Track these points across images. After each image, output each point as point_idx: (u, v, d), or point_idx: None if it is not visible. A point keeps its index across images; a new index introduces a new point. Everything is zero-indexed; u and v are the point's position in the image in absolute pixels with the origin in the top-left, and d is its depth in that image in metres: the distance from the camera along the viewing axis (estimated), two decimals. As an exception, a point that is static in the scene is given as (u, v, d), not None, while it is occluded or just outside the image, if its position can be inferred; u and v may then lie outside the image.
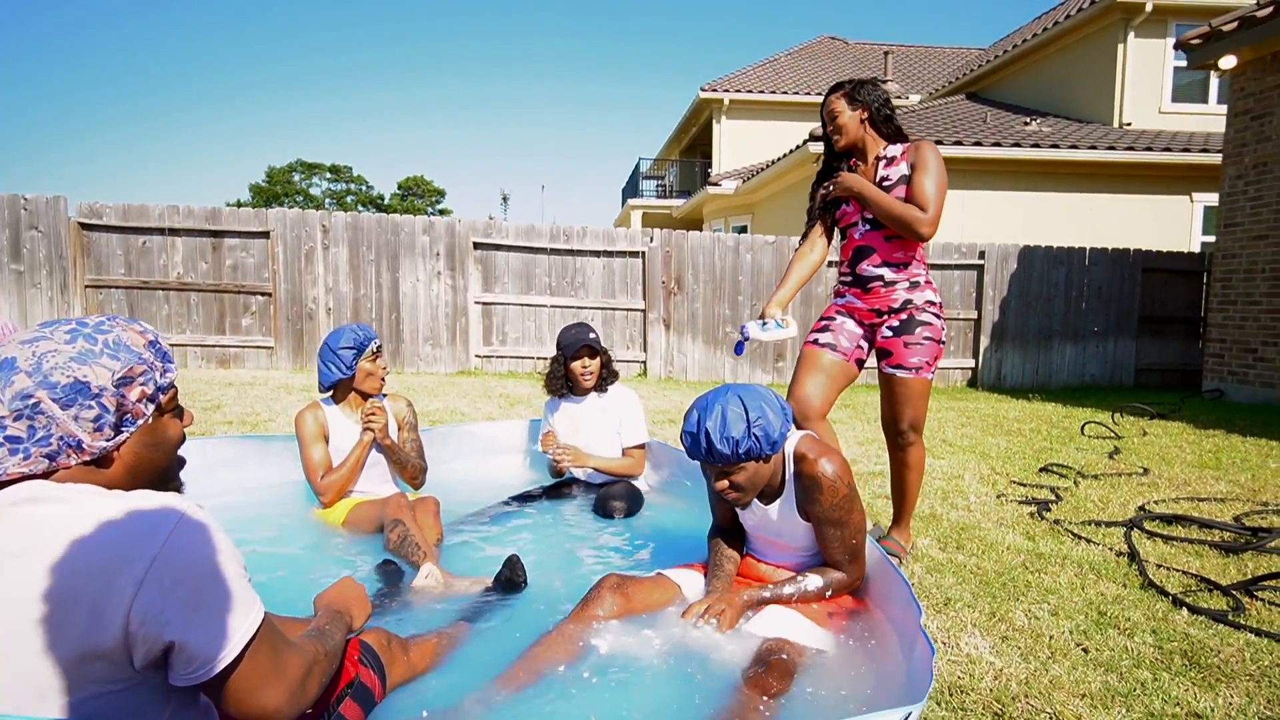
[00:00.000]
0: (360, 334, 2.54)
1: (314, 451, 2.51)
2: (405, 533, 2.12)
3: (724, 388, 1.68)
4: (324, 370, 2.52)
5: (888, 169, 2.48)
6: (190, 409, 5.24)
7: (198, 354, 7.58)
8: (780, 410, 1.64)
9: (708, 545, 1.92)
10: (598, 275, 8.23)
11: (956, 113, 12.71)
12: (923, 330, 2.47)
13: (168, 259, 7.48)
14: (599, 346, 3.03)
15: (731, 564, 1.84)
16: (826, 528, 1.70)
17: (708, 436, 1.59)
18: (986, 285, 8.54)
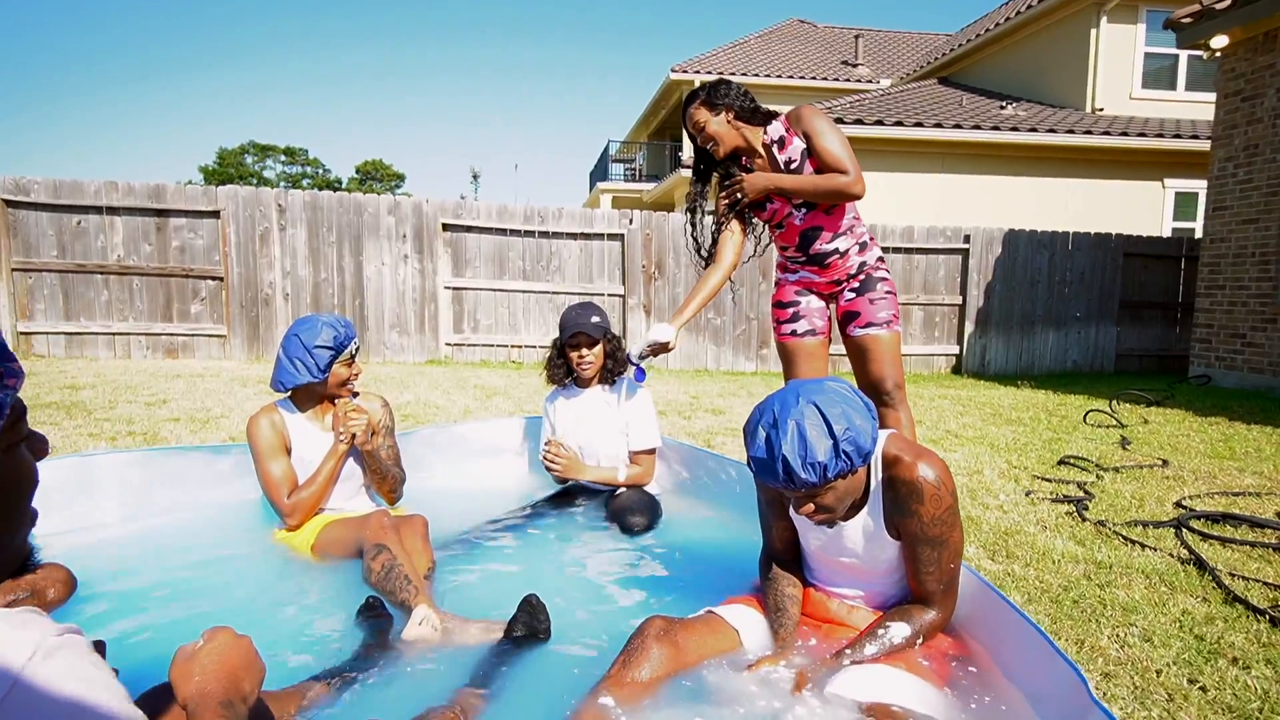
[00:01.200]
0: (340, 331, 2.11)
1: (274, 465, 2.09)
2: (391, 562, 1.75)
3: (791, 392, 1.36)
4: (287, 369, 2.07)
5: (784, 151, 2.43)
6: (135, 403, 4.77)
7: (143, 343, 7.00)
8: (865, 410, 1.33)
9: (761, 574, 1.60)
10: (574, 259, 7.84)
11: (930, 96, 12.57)
12: (883, 285, 2.51)
13: (106, 240, 6.86)
14: (600, 332, 2.63)
15: (794, 602, 1.53)
16: (921, 548, 1.39)
17: (786, 465, 1.28)
18: (971, 270, 8.40)
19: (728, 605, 1.54)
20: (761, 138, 2.45)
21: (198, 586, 1.86)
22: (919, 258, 8.37)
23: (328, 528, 2.07)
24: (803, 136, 2.40)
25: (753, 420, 1.37)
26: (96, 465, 2.21)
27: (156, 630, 1.66)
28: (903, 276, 8.35)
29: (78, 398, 4.70)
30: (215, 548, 2.10)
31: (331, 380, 2.15)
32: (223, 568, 1.98)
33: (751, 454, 1.33)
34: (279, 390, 2.12)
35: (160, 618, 1.71)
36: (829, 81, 17.25)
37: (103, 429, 3.83)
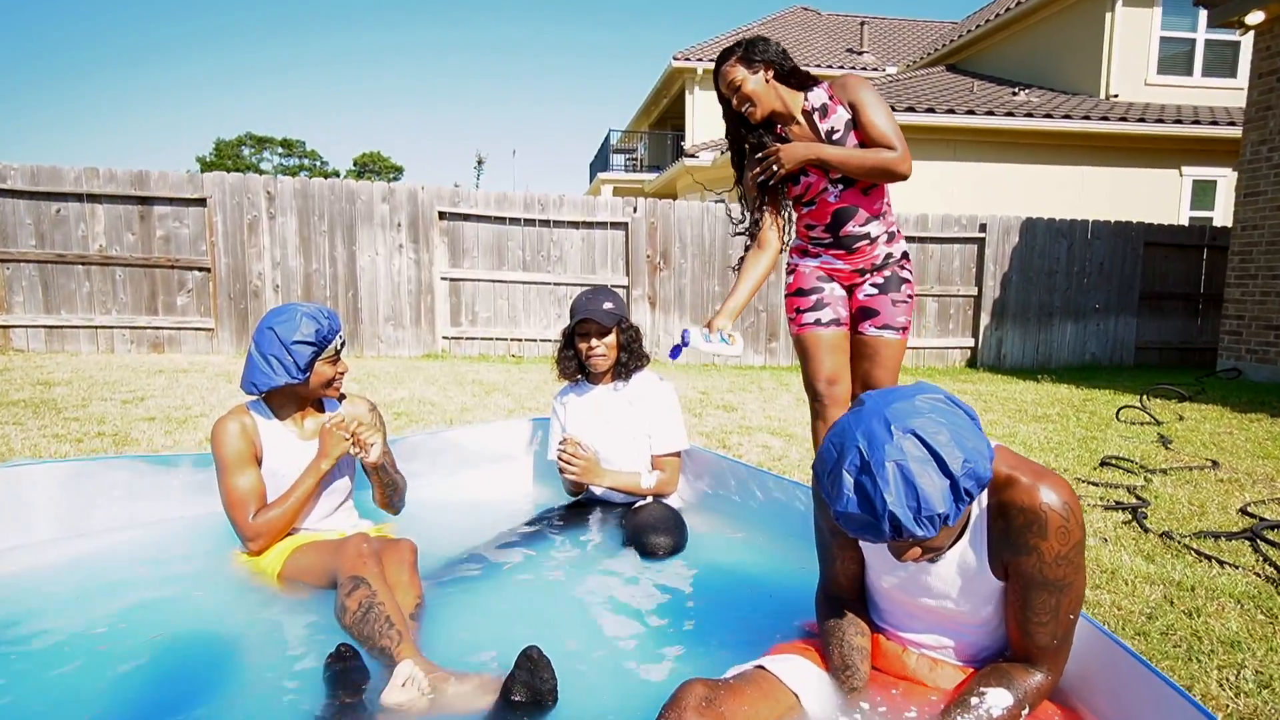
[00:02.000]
0: (323, 323, 1.80)
1: (240, 479, 1.76)
2: (370, 600, 1.46)
3: (873, 416, 1.03)
4: (261, 369, 1.76)
5: (826, 120, 2.24)
6: (110, 401, 4.48)
7: (126, 337, 6.71)
8: (973, 424, 1.04)
9: (819, 616, 1.32)
10: (576, 249, 7.54)
11: (940, 83, 12.25)
12: (905, 288, 2.36)
13: (87, 229, 6.56)
14: (612, 320, 2.30)
15: (864, 655, 1.24)
16: (1036, 593, 1.11)
17: (894, 521, 0.98)
18: (988, 260, 8.10)
19: (779, 657, 1.25)
20: (801, 103, 2.24)
21: (135, 623, 1.58)
22: (933, 247, 8.08)
23: (297, 553, 1.76)
24: (848, 106, 2.21)
25: (828, 460, 1.06)
26: (24, 478, 1.92)
27: (76, 686, 1.37)
28: (916, 267, 8.05)
29: (49, 395, 4.41)
30: (162, 574, 1.80)
31: (314, 381, 1.83)
32: (169, 599, 1.69)
33: (837, 509, 1.02)
34: (251, 393, 1.81)
35: (84, 667, 1.42)
36: (834, 69, 16.90)
37: (70, 430, 3.54)
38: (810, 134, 2.25)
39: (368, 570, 1.53)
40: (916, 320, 8.13)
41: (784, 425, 4.43)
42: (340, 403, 2.03)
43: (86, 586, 1.75)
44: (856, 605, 1.31)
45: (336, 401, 2.02)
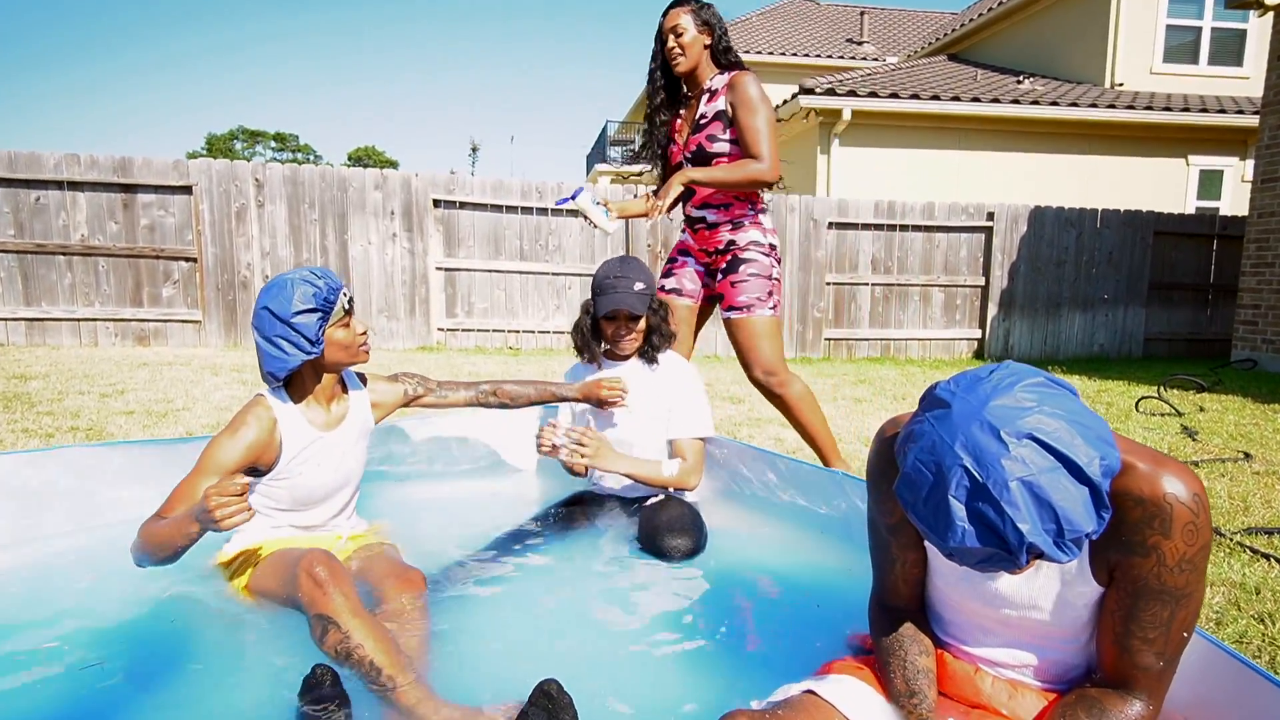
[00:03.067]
0: (320, 285, 1.56)
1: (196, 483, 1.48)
2: (346, 647, 1.23)
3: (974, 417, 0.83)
4: (272, 353, 1.53)
5: (709, 104, 2.40)
6: (89, 394, 4.28)
7: (110, 330, 6.48)
8: (1081, 405, 0.85)
9: (874, 630, 1.14)
10: (575, 238, 7.34)
11: (942, 72, 12.06)
12: (747, 268, 2.45)
13: (69, 218, 6.34)
14: (644, 306, 2.07)
15: (930, 678, 1.05)
16: (1147, 603, 0.92)
17: (1035, 551, 0.80)
18: (995, 249, 7.93)
19: (830, 679, 1.07)
20: (708, 81, 2.41)
21: (96, 635, 1.39)
22: (940, 236, 7.90)
23: (261, 567, 1.50)
24: (730, 105, 2.35)
25: (921, 485, 0.85)
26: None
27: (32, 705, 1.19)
28: (923, 256, 7.88)
29: (24, 389, 4.21)
30: (128, 578, 1.61)
31: (331, 352, 1.59)
32: (133, 608, 1.50)
33: (951, 544, 0.82)
34: (272, 383, 1.60)
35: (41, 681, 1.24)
36: (833, 59, 16.71)
37: (41, 424, 3.34)
38: (695, 109, 2.43)
39: (331, 605, 1.28)
40: (923, 310, 7.96)
41: (794, 417, 4.24)
42: (364, 385, 1.81)
43: (40, 594, 1.56)
44: (918, 617, 1.13)
45: (360, 383, 1.80)
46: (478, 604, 1.61)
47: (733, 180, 2.31)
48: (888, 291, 7.89)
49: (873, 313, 7.91)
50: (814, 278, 7.71)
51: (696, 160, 2.40)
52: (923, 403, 0.92)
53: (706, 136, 2.39)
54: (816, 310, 7.77)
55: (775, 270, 2.50)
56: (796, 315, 7.75)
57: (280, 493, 1.62)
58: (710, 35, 2.36)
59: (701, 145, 2.41)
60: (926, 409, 0.89)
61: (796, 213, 7.62)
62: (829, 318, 7.84)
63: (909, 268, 7.89)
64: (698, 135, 2.42)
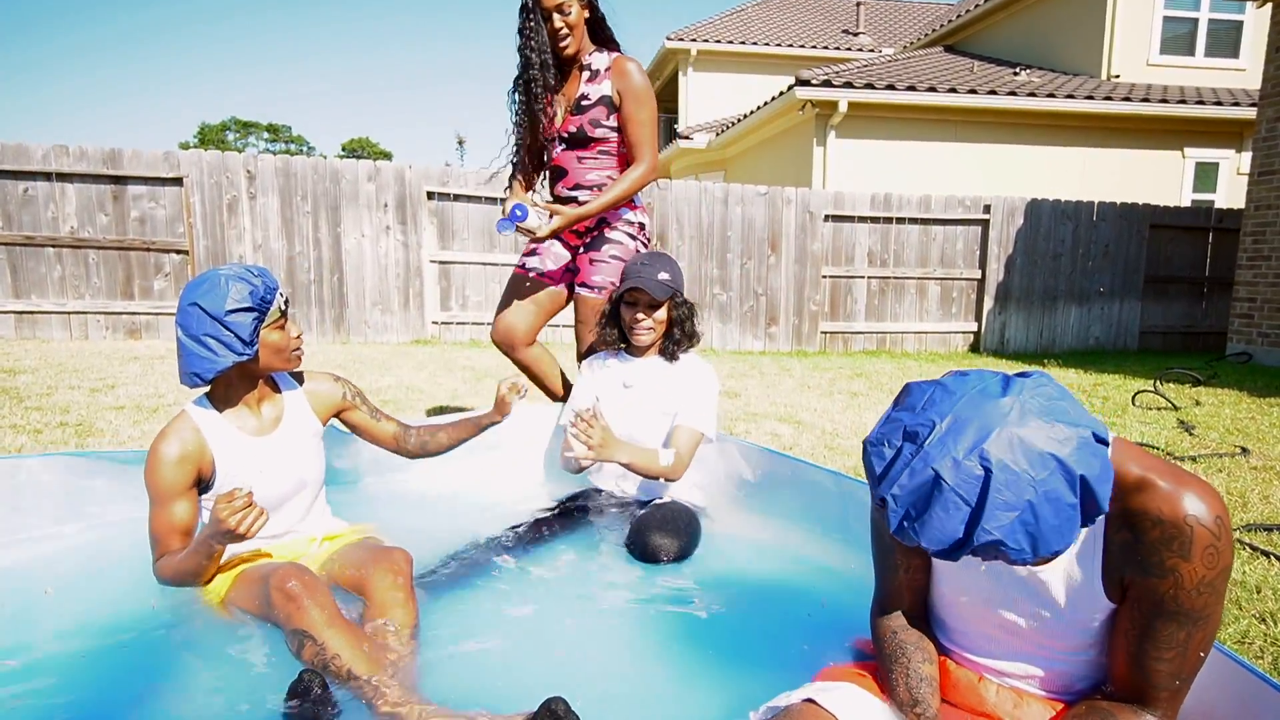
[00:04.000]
0: (256, 283, 1.48)
1: (163, 512, 1.45)
2: (324, 660, 1.21)
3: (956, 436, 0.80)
4: (199, 353, 1.43)
5: (591, 84, 2.34)
6: (78, 389, 4.23)
7: (101, 323, 6.42)
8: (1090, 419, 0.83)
9: (876, 637, 1.12)
10: (570, 231, 7.28)
11: (938, 64, 12.02)
12: (609, 248, 2.43)
13: (57, 210, 6.26)
14: (665, 292, 2.01)
15: (933, 685, 1.03)
16: (1163, 623, 0.89)
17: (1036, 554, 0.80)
18: (991, 242, 7.91)
19: (831, 687, 1.05)
20: (586, 58, 2.34)
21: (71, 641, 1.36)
22: (936, 229, 7.88)
23: (237, 583, 1.46)
24: (617, 93, 2.31)
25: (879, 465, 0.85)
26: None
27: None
28: (919, 249, 7.86)
29: (13, 383, 4.16)
30: (104, 588, 1.57)
31: (264, 355, 1.52)
32: (111, 620, 1.46)
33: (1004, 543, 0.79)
34: (195, 385, 1.48)
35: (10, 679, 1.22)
36: (829, 50, 16.63)
37: (30, 420, 3.30)
38: (573, 87, 2.34)
39: (306, 618, 1.25)
40: (919, 304, 7.95)
41: (791, 411, 4.23)
42: (300, 383, 1.72)
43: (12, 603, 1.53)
44: (921, 624, 1.11)
45: (294, 381, 1.71)
46: (470, 606, 1.58)
47: (623, 198, 2.30)
48: (884, 284, 7.88)
49: (869, 306, 7.89)
50: (810, 271, 7.68)
51: (572, 141, 2.36)
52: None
53: (589, 120, 2.33)
54: (812, 303, 7.75)
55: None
56: (793, 308, 7.73)
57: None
58: (588, 9, 2.28)
59: (583, 128, 2.35)
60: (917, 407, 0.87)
61: (793, 205, 7.58)
62: (825, 311, 7.81)
63: (905, 261, 7.87)
64: (579, 117, 2.35)
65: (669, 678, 1.26)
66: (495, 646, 1.41)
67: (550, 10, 2.20)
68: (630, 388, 2.15)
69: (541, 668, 1.32)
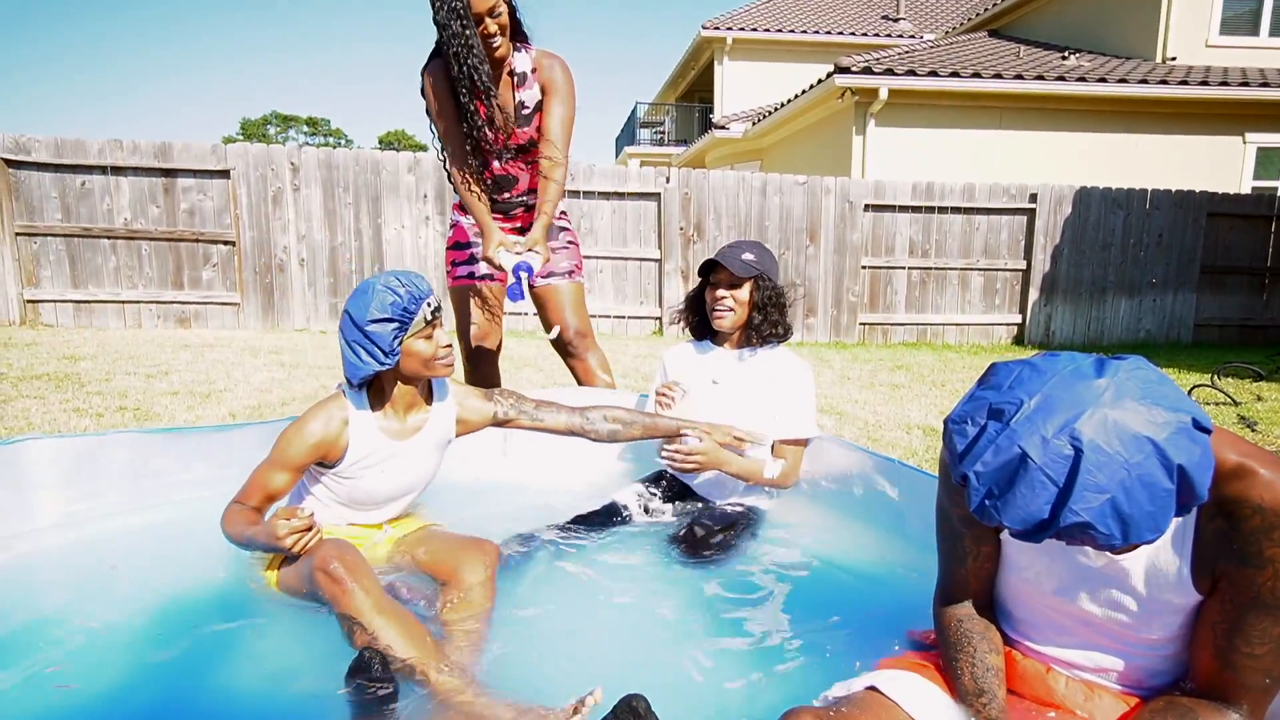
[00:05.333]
0: (401, 292, 1.49)
1: (270, 473, 1.49)
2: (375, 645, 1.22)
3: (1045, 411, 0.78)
4: (349, 358, 1.50)
5: (523, 90, 2.28)
6: (135, 375, 4.37)
7: (153, 312, 6.62)
8: (1191, 405, 0.79)
9: (939, 626, 1.09)
10: (606, 221, 7.29)
11: (983, 49, 11.69)
12: (565, 235, 2.51)
13: (112, 202, 6.46)
14: (748, 271, 1.92)
15: (999, 676, 1.01)
16: (1257, 617, 0.85)
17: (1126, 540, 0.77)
18: (1038, 232, 7.70)
19: (892, 674, 1.03)
20: (510, 61, 2.26)
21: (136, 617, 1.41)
22: (979, 218, 7.69)
23: (290, 562, 1.46)
24: (540, 88, 2.29)
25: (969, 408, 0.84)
26: (26, 454, 1.75)
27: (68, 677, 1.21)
28: (961, 239, 7.69)
29: (74, 369, 4.31)
30: (170, 565, 1.62)
31: (407, 363, 1.53)
32: (174, 597, 1.51)
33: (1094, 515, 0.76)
34: (353, 385, 1.55)
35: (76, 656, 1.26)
36: (868, 37, 16.32)
37: (91, 404, 3.42)
38: (506, 95, 2.27)
39: (353, 603, 1.26)
40: (961, 295, 7.78)
41: (833, 403, 4.18)
42: (451, 395, 1.73)
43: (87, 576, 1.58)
44: (987, 613, 1.08)
45: (447, 384, 1.72)
46: (532, 593, 1.58)
47: (557, 200, 2.30)
48: (925, 275, 7.72)
49: (909, 297, 7.75)
50: (849, 261, 7.57)
51: (520, 150, 2.35)
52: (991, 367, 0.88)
53: (535, 128, 2.31)
54: (851, 294, 7.64)
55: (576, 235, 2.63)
56: (831, 300, 7.63)
57: (340, 489, 1.60)
58: (509, 7, 2.14)
59: (531, 138, 2.33)
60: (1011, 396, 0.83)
61: (832, 194, 7.47)
62: (864, 302, 7.70)
63: (947, 251, 7.70)
64: (526, 129, 2.30)
65: (729, 669, 1.25)
66: (555, 631, 1.42)
67: (482, 14, 2.05)
68: (719, 384, 2.03)
69: (607, 660, 1.33)
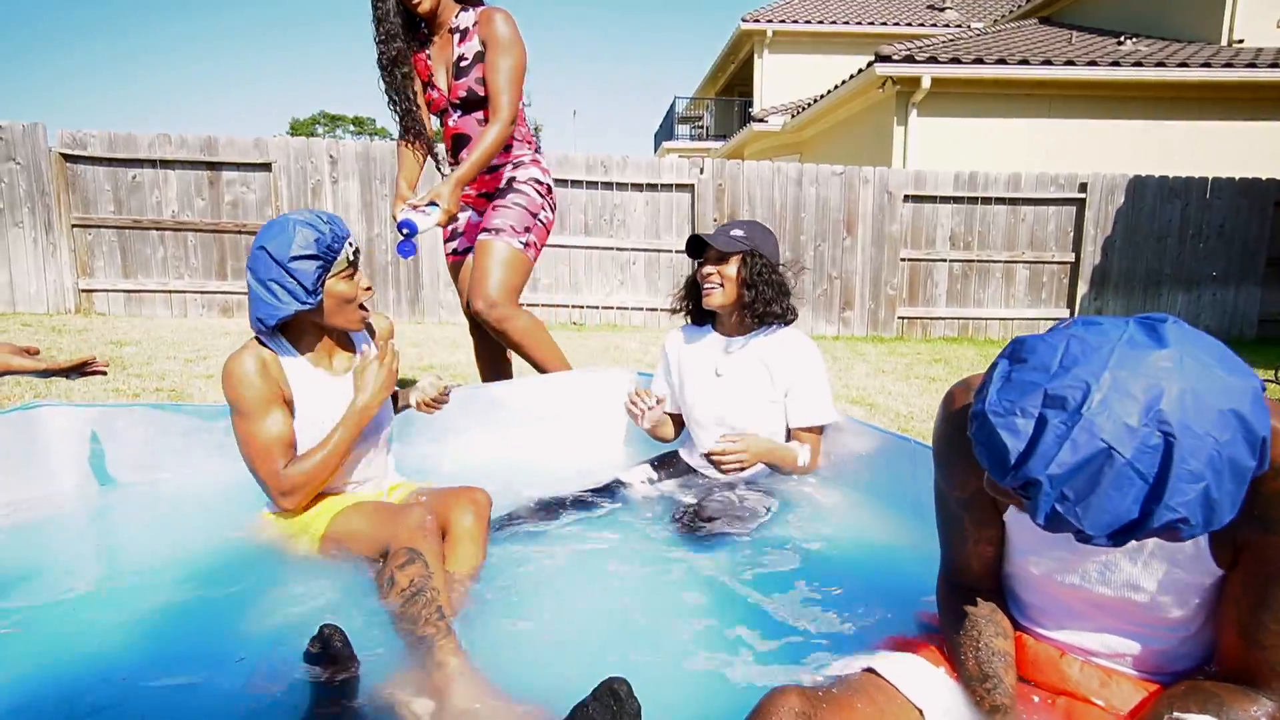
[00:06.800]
0: (324, 230, 1.43)
1: (264, 423, 1.43)
2: (423, 581, 1.24)
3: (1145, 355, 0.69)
4: (264, 297, 1.42)
5: (463, 44, 2.27)
6: (175, 360, 4.50)
7: (199, 302, 6.82)
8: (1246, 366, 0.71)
9: (942, 608, 1.02)
10: (640, 212, 7.25)
11: (1034, 36, 11.29)
12: (515, 197, 2.38)
13: (161, 195, 6.67)
14: (732, 245, 1.85)
15: (1007, 661, 0.93)
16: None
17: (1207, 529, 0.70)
18: (1088, 223, 7.39)
19: (893, 656, 0.96)
20: (452, 19, 2.27)
21: (141, 584, 1.42)
22: (1026, 209, 7.42)
23: (345, 514, 1.49)
24: (481, 43, 2.24)
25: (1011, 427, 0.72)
26: (44, 420, 1.78)
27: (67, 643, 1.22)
28: (1006, 230, 7.43)
29: (119, 354, 4.46)
30: (182, 530, 1.64)
31: (330, 305, 1.47)
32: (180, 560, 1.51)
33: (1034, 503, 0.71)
34: (260, 331, 1.47)
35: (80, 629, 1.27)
36: (913, 27, 15.94)
37: (130, 385, 3.53)
38: (447, 52, 2.27)
39: (427, 546, 1.33)
40: (1005, 288, 7.52)
41: (865, 394, 4.06)
42: (372, 337, 1.71)
43: (104, 541, 1.61)
44: (993, 596, 1.00)
45: (366, 336, 1.69)
46: (528, 569, 1.55)
47: (488, 157, 2.21)
48: (967, 268, 7.49)
49: (950, 290, 7.53)
50: (888, 253, 7.38)
51: (466, 106, 2.32)
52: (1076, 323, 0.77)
53: (475, 80, 2.28)
54: (890, 287, 7.45)
55: (544, 213, 2.44)
56: (869, 292, 7.45)
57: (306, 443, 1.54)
58: None
59: (471, 90, 2.31)
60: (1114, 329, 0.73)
61: (871, 185, 7.30)
62: (903, 295, 7.50)
63: (991, 243, 7.45)
64: (464, 80, 2.29)
65: (724, 649, 1.20)
66: (547, 608, 1.38)
67: None
68: (722, 376, 1.96)
69: (595, 636, 1.29)
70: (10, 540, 1.59)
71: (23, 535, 1.61)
